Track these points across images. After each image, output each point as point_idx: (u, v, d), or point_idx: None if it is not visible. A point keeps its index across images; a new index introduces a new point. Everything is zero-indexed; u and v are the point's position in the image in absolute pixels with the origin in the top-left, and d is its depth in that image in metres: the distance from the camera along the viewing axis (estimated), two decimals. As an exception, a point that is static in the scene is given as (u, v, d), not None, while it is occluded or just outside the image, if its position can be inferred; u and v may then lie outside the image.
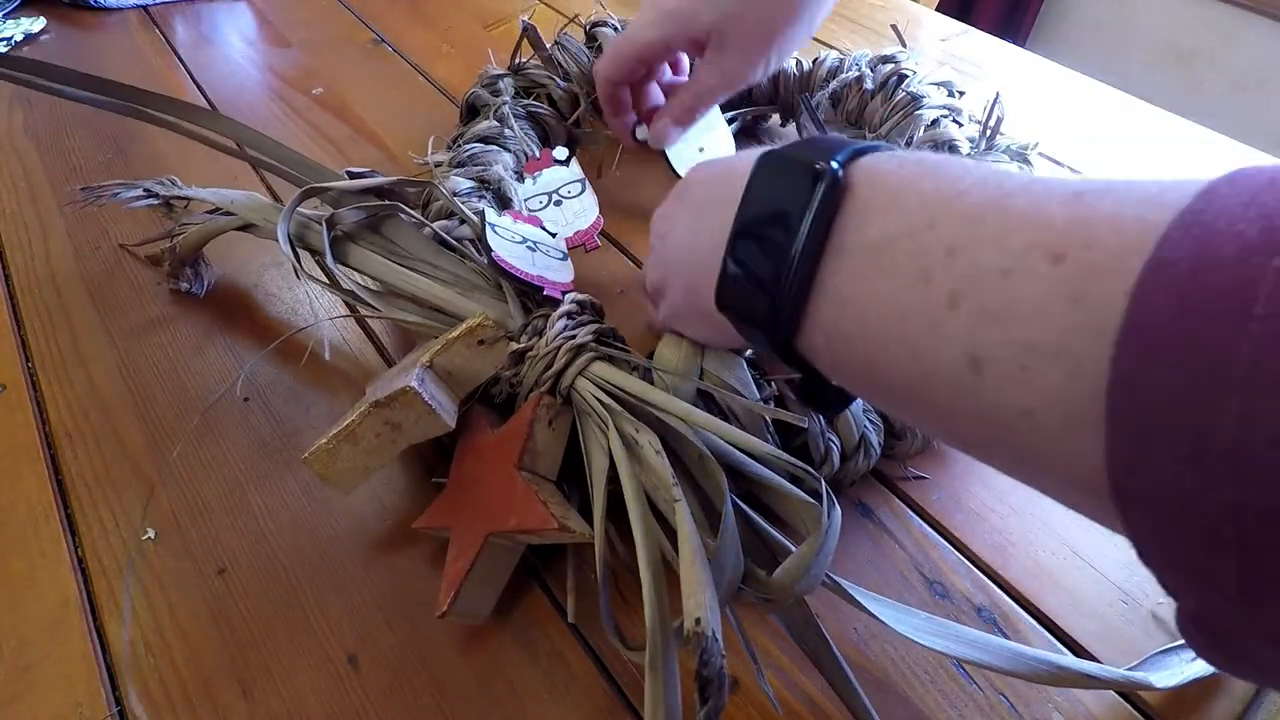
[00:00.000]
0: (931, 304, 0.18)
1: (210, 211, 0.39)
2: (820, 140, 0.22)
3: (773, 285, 0.21)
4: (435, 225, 0.35)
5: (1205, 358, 0.13)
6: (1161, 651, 0.28)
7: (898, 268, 0.19)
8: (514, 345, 0.31)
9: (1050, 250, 0.16)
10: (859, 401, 0.32)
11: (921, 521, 0.33)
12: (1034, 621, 0.30)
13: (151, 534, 0.32)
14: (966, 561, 0.32)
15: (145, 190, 0.40)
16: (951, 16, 0.74)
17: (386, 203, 0.35)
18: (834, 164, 0.20)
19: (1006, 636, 0.29)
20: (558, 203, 0.46)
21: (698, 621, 0.22)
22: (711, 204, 0.25)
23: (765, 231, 0.22)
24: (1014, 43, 0.69)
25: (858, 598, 0.26)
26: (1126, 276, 0.14)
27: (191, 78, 0.61)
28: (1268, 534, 0.12)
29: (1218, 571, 0.13)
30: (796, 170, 0.21)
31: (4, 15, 0.66)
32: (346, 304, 0.34)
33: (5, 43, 0.62)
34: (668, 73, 0.46)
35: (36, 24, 0.65)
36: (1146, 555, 0.15)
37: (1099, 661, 0.28)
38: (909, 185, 0.20)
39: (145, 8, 0.70)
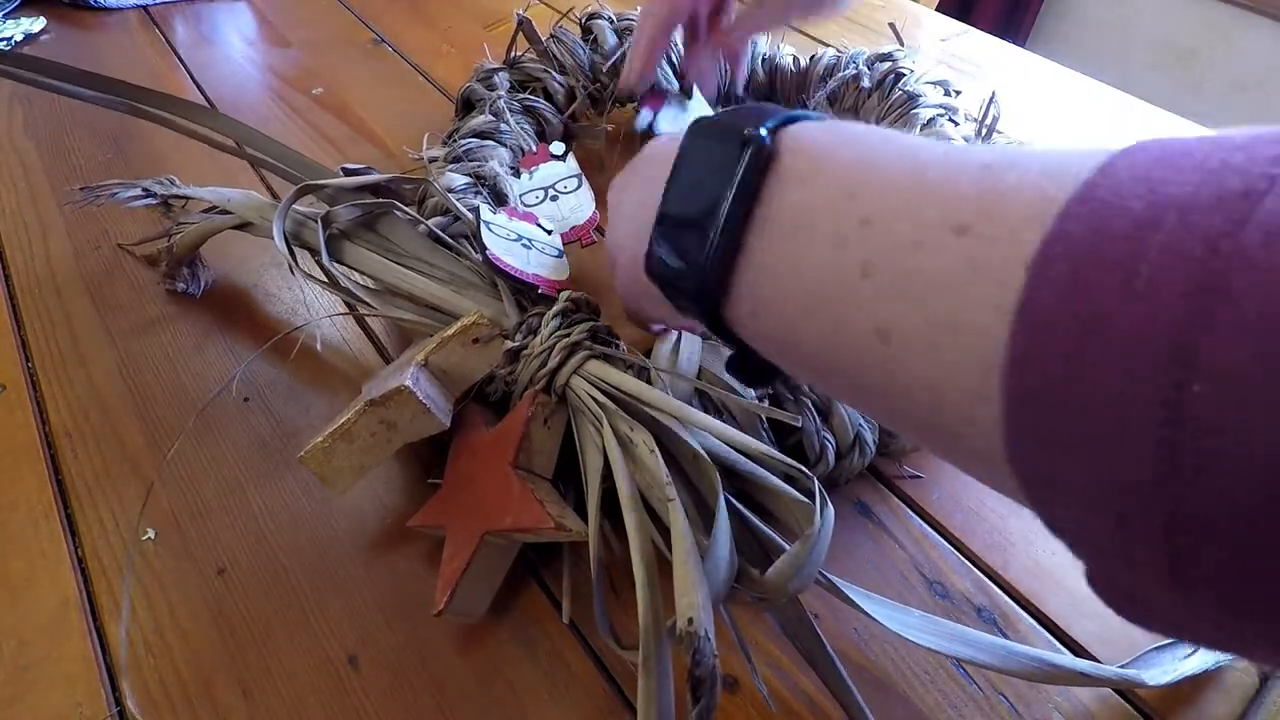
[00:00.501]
0: (845, 274, 0.18)
1: (207, 210, 0.39)
2: (754, 108, 0.22)
3: (698, 252, 0.21)
4: (430, 222, 0.36)
5: (1090, 334, 0.13)
6: (1155, 649, 0.28)
7: (816, 237, 0.19)
8: (509, 343, 0.31)
9: (956, 222, 0.16)
10: None
11: (921, 521, 0.33)
12: (1034, 622, 0.30)
13: (151, 534, 0.32)
14: (966, 561, 0.32)
15: (143, 190, 0.40)
16: (951, 16, 0.74)
17: (382, 200, 0.35)
18: (761, 131, 0.20)
19: (1007, 637, 0.29)
20: (554, 198, 0.46)
21: (690, 621, 0.22)
22: (655, 177, 0.25)
23: (692, 198, 0.22)
24: (1014, 43, 0.69)
25: (853, 597, 0.26)
26: (1024, 248, 0.14)
27: (191, 78, 0.61)
28: (1146, 506, 0.13)
29: (1108, 541, 0.14)
30: (724, 136, 0.21)
31: (4, 15, 0.66)
32: (345, 302, 0.34)
33: (5, 43, 0.63)
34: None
35: (36, 24, 0.65)
36: (1048, 524, 0.15)
37: (1099, 662, 0.28)
38: (832, 153, 0.20)
39: (145, 8, 0.70)
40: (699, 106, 0.49)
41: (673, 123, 0.48)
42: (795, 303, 0.20)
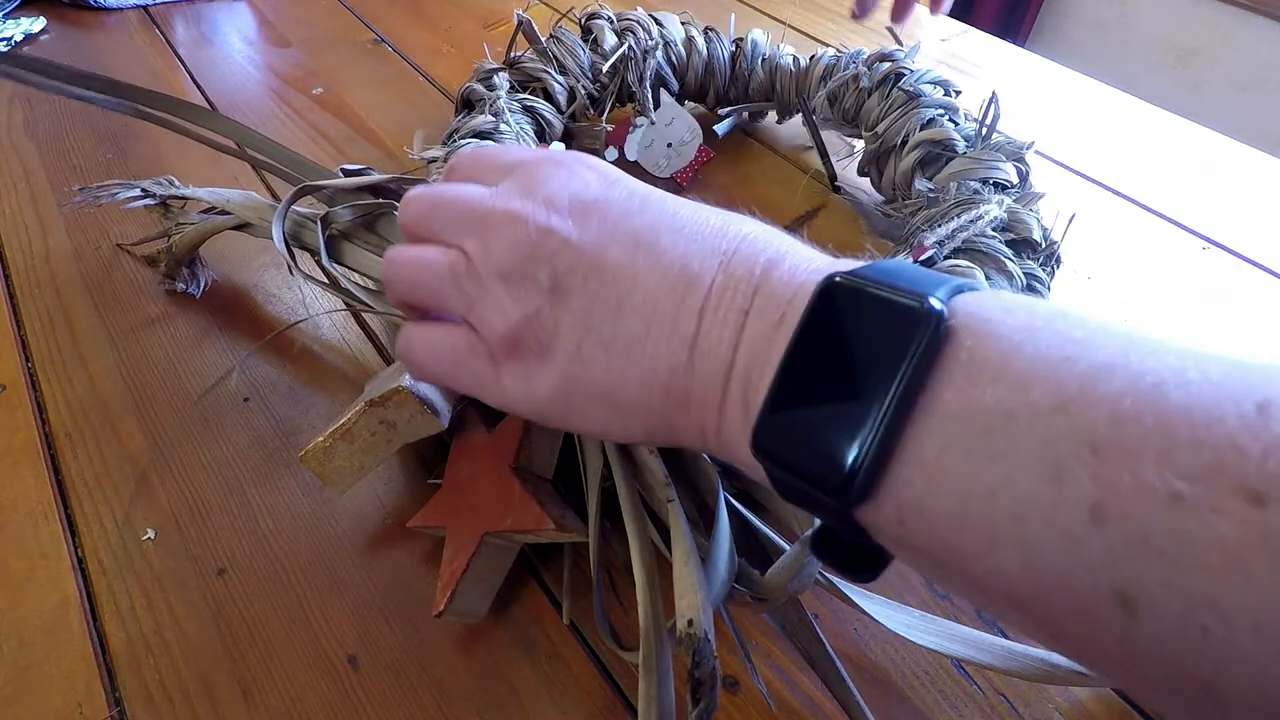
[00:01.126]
0: (1066, 512, 0.14)
1: (207, 211, 0.39)
2: (903, 270, 0.18)
3: (838, 453, 0.17)
4: (432, 225, 0.35)
5: None
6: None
7: (1016, 453, 0.15)
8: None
9: (1246, 487, 0.13)
10: None
11: (920, 521, 0.33)
12: (1032, 621, 0.30)
13: (151, 534, 0.32)
14: (964, 561, 0.32)
15: (143, 190, 0.40)
16: (951, 16, 0.74)
17: (381, 200, 0.35)
18: (936, 304, 0.17)
19: (1007, 637, 0.29)
20: (555, 201, 0.46)
21: (690, 622, 0.22)
22: (657, 298, 0.20)
23: (836, 380, 0.17)
24: (1014, 43, 0.69)
25: (852, 596, 0.26)
26: None
27: (191, 78, 0.61)
28: None
29: None
30: (889, 311, 0.17)
31: (4, 15, 0.66)
32: (344, 300, 0.34)
33: (5, 43, 0.63)
34: None
35: (36, 24, 0.65)
36: None
37: (1097, 661, 0.28)
38: (1024, 343, 0.16)
39: (145, 8, 0.70)
40: (669, 112, 0.48)
41: (639, 142, 0.48)
42: (978, 526, 0.16)
